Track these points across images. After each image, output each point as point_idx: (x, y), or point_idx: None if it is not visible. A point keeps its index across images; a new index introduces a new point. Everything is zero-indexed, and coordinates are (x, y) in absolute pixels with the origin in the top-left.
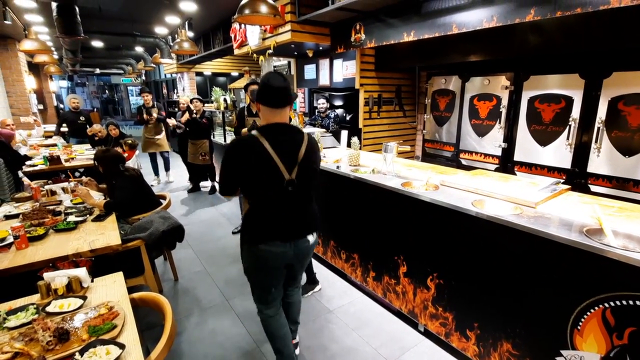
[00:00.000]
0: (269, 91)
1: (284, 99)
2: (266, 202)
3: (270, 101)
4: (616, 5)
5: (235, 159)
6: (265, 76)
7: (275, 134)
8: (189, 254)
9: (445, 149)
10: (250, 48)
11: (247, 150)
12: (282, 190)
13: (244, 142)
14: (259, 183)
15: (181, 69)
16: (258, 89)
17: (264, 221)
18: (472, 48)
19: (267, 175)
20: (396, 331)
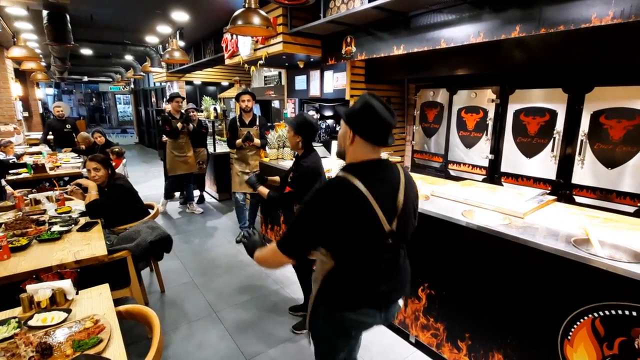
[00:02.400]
0: (377, 125)
1: (390, 135)
2: (360, 260)
3: (376, 137)
4: (597, 23)
5: (324, 213)
6: (368, 103)
7: (371, 174)
8: (176, 265)
9: (434, 159)
10: (242, 58)
11: (342, 200)
12: (380, 245)
13: (336, 190)
14: (353, 239)
15: (171, 78)
16: (356, 115)
17: (354, 284)
18: (459, 62)
19: (365, 229)
20: (387, 343)
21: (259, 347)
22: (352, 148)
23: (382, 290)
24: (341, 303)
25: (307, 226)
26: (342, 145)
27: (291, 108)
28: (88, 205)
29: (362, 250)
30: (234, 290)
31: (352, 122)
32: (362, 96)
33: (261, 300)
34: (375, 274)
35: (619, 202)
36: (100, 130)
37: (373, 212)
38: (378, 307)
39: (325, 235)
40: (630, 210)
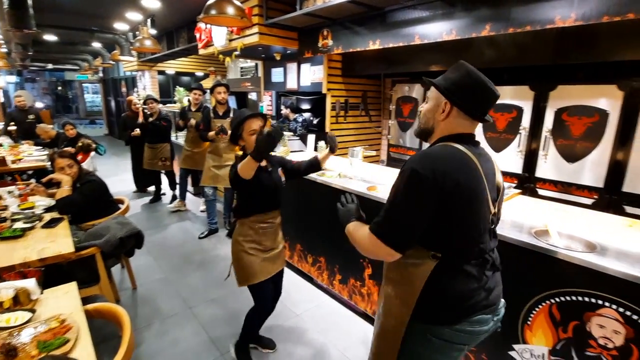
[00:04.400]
0: (482, 95)
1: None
2: (470, 252)
3: (479, 109)
4: (561, 25)
5: (434, 184)
6: (470, 70)
7: (473, 146)
8: (148, 261)
9: (409, 153)
10: (216, 49)
11: (455, 168)
12: (487, 231)
13: (448, 155)
14: (465, 221)
15: (142, 67)
16: (456, 84)
17: (467, 285)
18: (433, 58)
19: (477, 208)
20: (362, 332)
21: (234, 341)
22: (445, 122)
23: (490, 287)
24: (452, 314)
25: (416, 203)
26: (430, 120)
27: (268, 100)
28: (59, 201)
29: (474, 238)
30: (209, 285)
31: (451, 92)
32: (459, 64)
33: (237, 294)
34: (485, 268)
35: (578, 195)
36: (71, 122)
37: (484, 187)
38: (490, 310)
39: (434, 216)
40: (588, 203)
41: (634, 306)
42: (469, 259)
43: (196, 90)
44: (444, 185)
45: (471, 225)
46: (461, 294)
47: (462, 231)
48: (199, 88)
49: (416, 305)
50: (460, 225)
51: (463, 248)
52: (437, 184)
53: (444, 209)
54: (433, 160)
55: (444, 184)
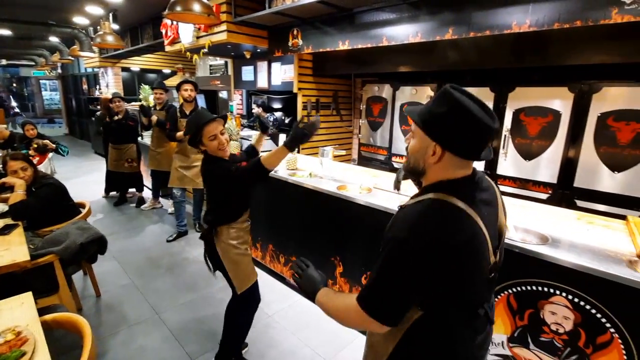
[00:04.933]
0: (475, 133)
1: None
2: (463, 305)
3: (472, 149)
4: (517, 30)
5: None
6: (459, 103)
7: (471, 192)
8: (113, 266)
9: (379, 152)
10: (184, 46)
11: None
12: (485, 283)
13: (441, 220)
14: (461, 281)
15: (104, 64)
16: (443, 122)
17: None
18: (401, 60)
19: (476, 267)
20: (333, 330)
21: (205, 346)
22: (437, 166)
23: (480, 341)
24: None
25: (407, 276)
26: (420, 162)
27: (238, 99)
28: (13, 207)
29: (469, 293)
30: (178, 290)
31: (438, 133)
32: (445, 92)
33: (207, 298)
34: (476, 320)
35: (535, 190)
36: (31, 121)
37: (485, 242)
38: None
39: (429, 283)
40: (543, 198)
41: (581, 293)
42: (457, 315)
43: (157, 89)
44: (438, 256)
45: (466, 284)
46: (444, 345)
47: (455, 290)
48: (160, 87)
49: (397, 353)
50: (454, 286)
51: (452, 305)
52: (430, 254)
53: (437, 276)
54: (426, 228)
55: (439, 254)
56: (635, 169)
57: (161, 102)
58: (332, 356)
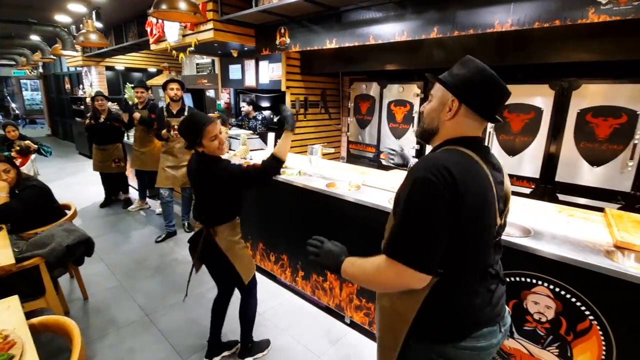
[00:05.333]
0: (494, 92)
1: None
2: (476, 265)
3: (490, 108)
4: (499, 29)
5: (450, 197)
6: (481, 67)
7: (482, 151)
8: (100, 268)
9: (367, 150)
10: (169, 44)
11: (469, 179)
12: (492, 244)
13: (462, 165)
14: (473, 235)
15: (88, 63)
16: (466, 80)
17: (471, 299)
18: (388, 58)
19: (486, 222)
20: (324, 326)
21: (196, 345)
22: (452, 122)
23: (495, 300)
24: (455, 330)
25: (434, 214)
26: (435, 120)
27: (226, 98)
28: None
29: (479, 252)
30: (167, 290)
31: (460, 89)
32: (467, 59)
33: (198, 298)
34: (489, 282)
35: (518, 185)
36: (12, 123)
37: (493, 198)
38: (496, 321)
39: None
40: (527, 192)
41: (562, 283)
42: (472, 274)
43: (138, 88)
44: (457, 194)
45: (478, 240)
46: (464, 309)
47: (469, 246)
48: (141, 86)
49: (416, 322)
50: (468, 240)
51: (467, 263)
52: (451, 192)
53: (455, 221)
54: (444, 167)
55: (457, 193)
56: (612, 163)
57: (142, 100)
58: (324, 352)
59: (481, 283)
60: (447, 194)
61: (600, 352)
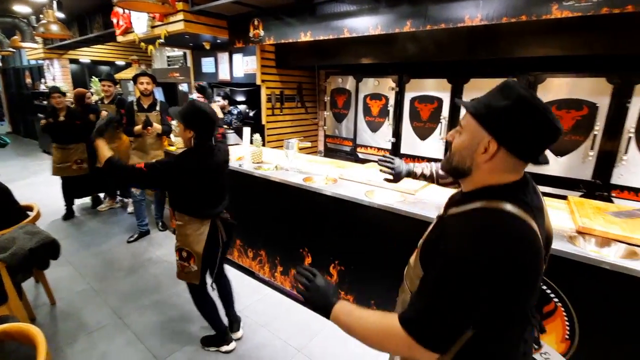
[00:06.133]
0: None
1: None
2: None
3: (534, 150)
4: (469, 23)
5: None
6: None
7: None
8: (68, 271)
9: (344, 143)
10: (137, 36)
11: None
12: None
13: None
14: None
15: (50, 55)
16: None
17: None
18: (363, 52)
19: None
20: (304, 320)
21: (173, 346)
22: (490, 165)
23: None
24: None
25: (471, 300)
26: (467, 159)
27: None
28: None
29: (524, 308)
30: (141, 292)
31: (496, 125)
32: (508, 86)
33: (173, 298)
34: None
35: None
36: None
37: (542, 255)
38: None
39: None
40: None
41: None
42: (514, 329)
43: (105, 81)
44: (507, 275)
45: (527, 300)
46: None
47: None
48: (108, 79)
49: None
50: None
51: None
52: (499, 274)
53: (502, 296)
54: (494, 246)
55: (508, 273)
56: (575, 153)
57: (109, 95)
58: (304, 346)
59: (519, 337)
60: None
61: (564, 331)
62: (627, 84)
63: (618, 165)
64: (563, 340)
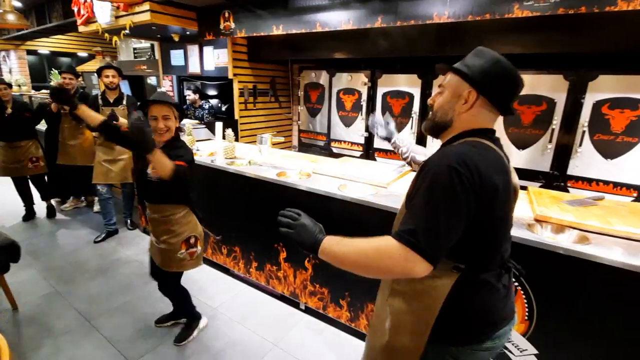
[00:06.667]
0: (513, 85)
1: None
2: (494, 262)
3: (507, 101)
4: (437, 20)
5: (471, 188)
6: (499, 58)
7: (498, 144)
8: (31, 275)
9: (318, 138)
10: (100, 26)
11: (495, 174)
12: (508, 237)
13: (484, 159)
14: (494, 231)
15: (6, 46)
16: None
17: (493, 298)
18: (336, 46)
19: (505, 213)
20: (280, 314)
21: (146, 346)
22: (468, 114)
23: (510, 297)
24: (477, 332)
25: (457, 206)
26: (449, 112)
27: (168, 85)
28: None
29: (500, 245)
30: (111, 293)
31: (477, 79)
32: (481, 50)
33: (145, 298)
34: (505, 277)
35: None
36: None
37: (511, 189)
38: (509, 321)
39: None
40: None
41: None
42: (492, 269)
43: (66, 74)
44: (483, 188)
45: (498, 232)
46: (486, 309)
47: (490, 239)
48: (69, 71)
49: (436, 323)
50: (489, 232)
51: (488, 257)
52: (477, 186)
53: (479, 215)
54: (470, 159)
55: (483, 187)
56: (535, 146)
57: (71, 88)
58: (280, 339)
59: (499, 278)
60: (473, 186)
61: (524, 312)
62: (582, 81)
63: (574, 157)
64: (523, 321)
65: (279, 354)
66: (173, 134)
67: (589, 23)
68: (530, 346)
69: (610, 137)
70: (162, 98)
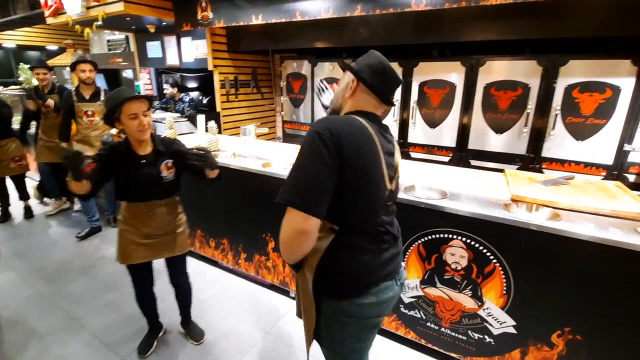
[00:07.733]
0: (385, 75)
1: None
2: (366, 224)
3: (381, 89)
4: (415, 8)
5: (335, 151)
6: (377, 54)
7: (378, 125)
8: (11, 277)
9: (302, 129)
10: (70, 18)
11: (353, 137)
12: (383, 207)
13: (345, 124)
14: (361, 192)
15: None
16: (363, 63)
17: (366, 257)
18: (317, 35)
19: (373, 181)
20: (270, 303)
21: (136, 343)
22: (352, 99)
23: (389, 258)
24: (354, 287)
25: (320, 162)
26: (340, 99)
27: (146, 79)
28: None
29: (370, 211)
30: (96, 291)
31: (358, 69)
32: (370, 52)
33: (132, 294)
34: (382, 241)
35: (439, 154)
36: None
37: (380, 162)
38: (392, 276)
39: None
40: (446, 160)
41: (472, 235)
42: (364, 233)
43: (39, 68)
44: (343, 146)
45: (367, 197)
46: (359, 268)
47: (359, 204)
48: (41, 66)
49: (319, 278)
50: (358, 197)
51: (358, 221)
52: (338, 143)
53: (343, 174)
54: (333, 124)
55: (343, 145)
56: (511, 130)
57: (46, 83)
58: (271, 327)
59: (371, 241)
60: (332, 147)
61: (502, 288)
62: (554, 66)
63: (547, 140)
64: (501, 295)
65: (271, 341)
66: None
67: (561, 9)
68: (509, 318)
69: (581, 120)
70: (134, 94)
